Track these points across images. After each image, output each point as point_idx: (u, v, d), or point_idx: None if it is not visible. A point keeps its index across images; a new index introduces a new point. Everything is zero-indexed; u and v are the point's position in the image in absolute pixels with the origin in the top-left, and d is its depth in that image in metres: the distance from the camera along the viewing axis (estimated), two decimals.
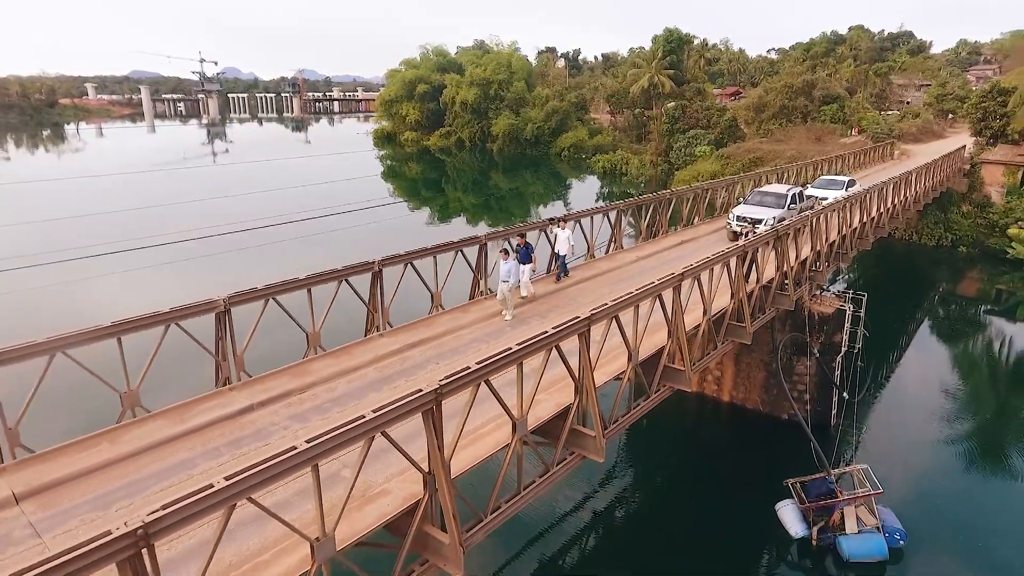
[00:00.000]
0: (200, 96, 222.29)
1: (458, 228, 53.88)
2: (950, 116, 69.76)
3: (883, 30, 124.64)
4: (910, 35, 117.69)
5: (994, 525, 16.68)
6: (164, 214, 47.56)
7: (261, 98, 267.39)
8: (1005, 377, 27.71)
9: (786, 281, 17.44)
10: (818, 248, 19.71)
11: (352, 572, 7.43)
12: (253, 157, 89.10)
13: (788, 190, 25.42)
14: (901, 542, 15.01)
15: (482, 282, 16.63)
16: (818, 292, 20.28)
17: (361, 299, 13.73)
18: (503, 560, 14.96)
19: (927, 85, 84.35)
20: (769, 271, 16.94)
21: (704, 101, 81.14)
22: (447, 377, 7.80)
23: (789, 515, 15.93)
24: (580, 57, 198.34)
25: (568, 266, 18.84)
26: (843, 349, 19.80)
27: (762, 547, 16.00)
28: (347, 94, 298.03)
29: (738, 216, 23.74)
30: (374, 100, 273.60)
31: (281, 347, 13.72)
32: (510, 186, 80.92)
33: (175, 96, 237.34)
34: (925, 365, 27.66)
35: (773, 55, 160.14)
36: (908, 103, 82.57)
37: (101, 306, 26.16)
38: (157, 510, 5.46)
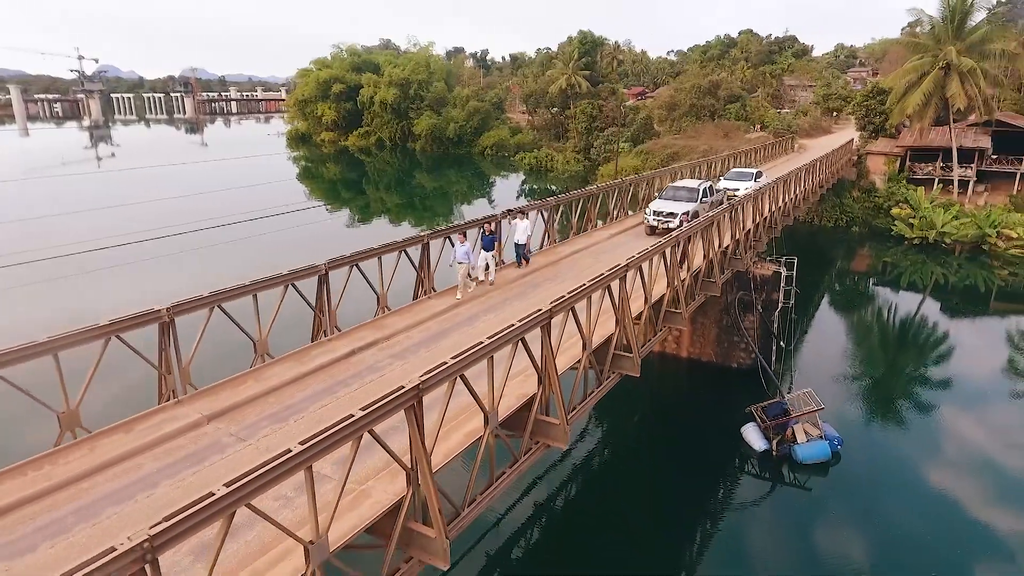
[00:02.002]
0: (80, 96, 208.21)
1: (386, 228, 54.60)
2: (835, 114, 78.13)
3: (770, 34, 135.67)
4: (794, 39, 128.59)
5: (898, 426, 22.06)
6: (39, 226, 44.29)
7: (148, 98, 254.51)
8: (894, 330, 33.30)
9: (738, 248, 21.25)
10: (757, 221, 23.73)
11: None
12: (144, 161, 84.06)
13: (700, 184, 26.45)
14: (839, 446, 19.10)
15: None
16: (758, 258, 24.32)
17: (414, 266, 16.28)
18: (487, 518, 16.64)
19: (813, 86, 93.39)
20: (725, 240, 20.65)
21: (618, 100, 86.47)
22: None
23: (752, 434, 19.73)
24: (488, 57, 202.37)
25: (529, 252, 20.31)
26: (780, 305, 23.92)
27: (733, 461, 19.68)
28: (245, 94, 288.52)
29: (655, 211, 24.61)
30: (276, 100, 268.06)
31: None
32: (434, 185, 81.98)
33: (50, 96, 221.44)
34: (835, 321, 33.65)
35: (672, 57, 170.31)
36: (797, 102, 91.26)
37: None
38: (424, 375, 8.02)
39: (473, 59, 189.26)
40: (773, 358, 24.47)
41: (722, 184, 32.07)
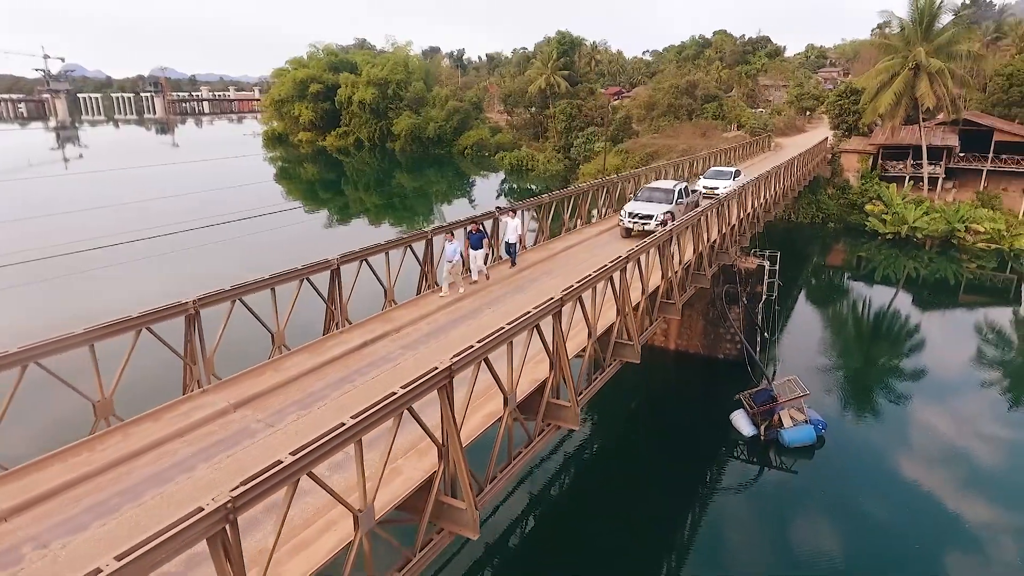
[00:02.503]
0: (45, 96, 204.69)
1: (366, 229, 54.34)
2: (808, 113, 79.92)
3: (744, 35, 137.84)
4: (767, 40, 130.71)
5: (877, 411, 23.24)
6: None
7: (117, 98, 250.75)
8: (870, 321, 34.62)
9: (724, 243, 22.08)
10: (741, 217, 24.60)
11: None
12: (114, 163, 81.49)
13: (675, 185, 25.56)
14: (823, 430, 20.02)
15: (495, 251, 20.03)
16: (742, 253, 25.19)
17: (418, 261, 16.78)
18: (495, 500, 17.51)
19: (786, 85, 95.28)
20: (712, 235, 21.46)
21: (596, 100, 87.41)
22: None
23: (741, 420, 20.57)
24: (464, 57, 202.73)
25: (524, 247, 20.53)
26: (763, 298, 24.83)
27: (723, 447, 20.49)
28: (217, 94, 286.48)
29: (630, 213, 23.84)
30: (249, 100, 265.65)
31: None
32: (414, 185, 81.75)
33: (14, 96, 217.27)
34: (814, 313, 34.97)
35: (648, 57, 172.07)
36: (771, 101, 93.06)
37: None
38: (455, 357, 8.56)
39: (449, 59, 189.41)
40: (758, 348, 25.38)
41: (701, 182, 32.64)
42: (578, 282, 11.92)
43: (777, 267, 25.20)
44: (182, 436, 10.25)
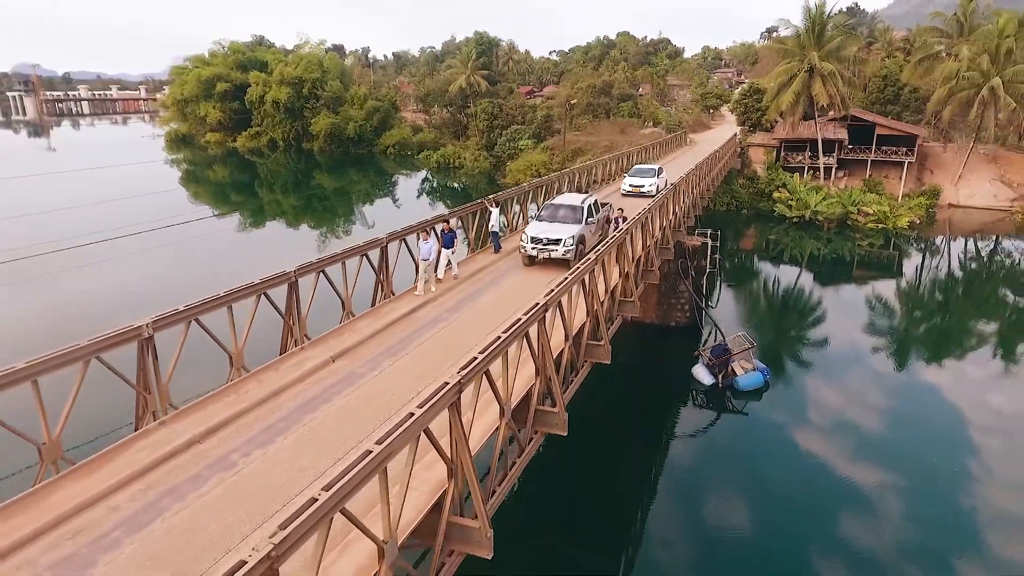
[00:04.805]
0: None
1: (284, 232, 54.48)
2: (711, 111, 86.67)
3: (646, 36, 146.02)
4: (668, 41, 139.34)
5: (805, 358, 27.85)
6: None
7: None
8: (782, 292, 39.59)
9: (677, 222, 25.68)
10: (685, 202, 28.34)
11: None
12: None
13: (583, 201, 21.87)
14: (768, 376, 23.94)
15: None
16: (687, 232, 28.96)
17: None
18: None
19: (690, 84, 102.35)
20: (670, 215, 24.98)
21: (516, 99, 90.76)
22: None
23: (701, 372, 24.16)
24: (370, 55, 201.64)
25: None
26: (707, 270, 28.70)
27: (686, 394, 24.05)
28: (97, 93, 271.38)
29: (533, 237, 20.03)
30: (135, 99, 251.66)
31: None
32: (335, 186, 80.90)
33: None
34: (740, 286, 39.45)
35: (555, 57, 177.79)
36: (677, 100, 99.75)
37: None
38: (546, 296, 11.24)
39: (354, 57, 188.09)
40: (705, 312, 29.27)
41: (627, 180, 33.98)
42: (603, 244, 14.84)
43: (718, 244, 29.13)
44: (303, 381, 12.35)
